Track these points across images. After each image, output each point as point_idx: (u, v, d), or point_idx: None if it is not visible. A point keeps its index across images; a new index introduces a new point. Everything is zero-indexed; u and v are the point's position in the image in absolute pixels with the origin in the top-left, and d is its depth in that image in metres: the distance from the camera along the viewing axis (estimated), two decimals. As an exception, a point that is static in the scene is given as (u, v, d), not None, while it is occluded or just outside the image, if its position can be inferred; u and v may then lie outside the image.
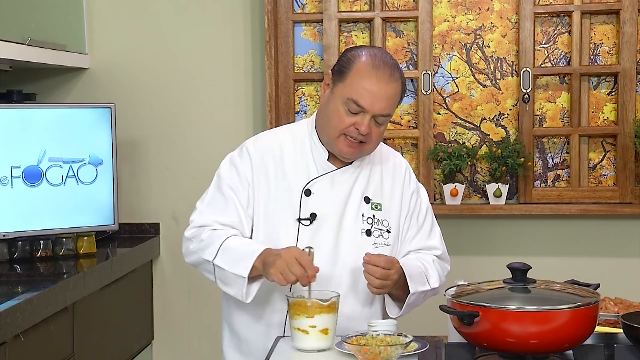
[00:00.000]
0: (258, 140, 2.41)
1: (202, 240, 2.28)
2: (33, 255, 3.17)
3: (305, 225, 2.30)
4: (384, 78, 2.22)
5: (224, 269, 2.22)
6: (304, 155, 2.35)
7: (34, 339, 2.57)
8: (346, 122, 2.23)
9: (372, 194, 2.37)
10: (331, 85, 2.28)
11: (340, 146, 2.27)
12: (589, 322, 1.91)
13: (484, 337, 1.91)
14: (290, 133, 2.40)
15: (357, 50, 2.28)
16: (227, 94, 3.65)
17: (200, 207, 2.36)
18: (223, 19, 3.63)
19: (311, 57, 3.64)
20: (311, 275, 2.10)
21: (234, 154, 2.40)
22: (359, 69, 2.22)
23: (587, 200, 3.53)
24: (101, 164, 3.34)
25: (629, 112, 3.47)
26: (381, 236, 2.35)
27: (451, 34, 3.57)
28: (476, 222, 3.61)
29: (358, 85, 2.21)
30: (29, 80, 3.67)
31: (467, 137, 3.59)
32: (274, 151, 2.35)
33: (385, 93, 2.22)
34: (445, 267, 2.46)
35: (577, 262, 3.56)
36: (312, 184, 2.32)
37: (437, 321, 2.40)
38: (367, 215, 2.35)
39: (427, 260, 2.39)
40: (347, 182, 2.34)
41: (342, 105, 2.23)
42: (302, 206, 2.31)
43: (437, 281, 2.37)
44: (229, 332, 2.43)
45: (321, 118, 2.32)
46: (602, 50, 3.52)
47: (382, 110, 2.22)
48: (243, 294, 2.20)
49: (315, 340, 2.07)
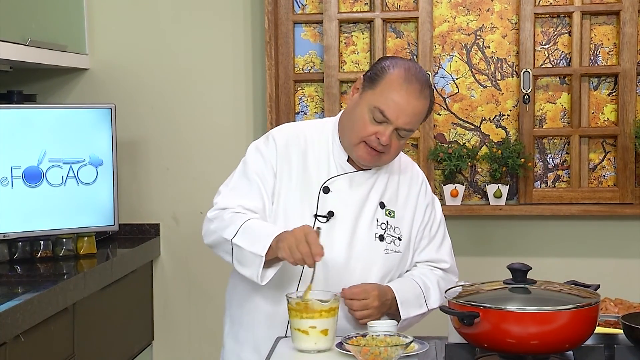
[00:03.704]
0: (284, 130, 2.42)
1: (224, 220, 2.28)
2: (33, 256, 3.17)
3: (322, 222, 2.30)
4: (414, 93, 2.22)
5: (243, 248, 2.21)
6: (326, 153, 2.35)
7: (34, 340, 2.57)
8: (369, 130, 2.23)
9: (388, 201, 2.37)
10: (360, 90, 2.28)
11: (360, 152, 2.28)
12: (589, 323, 1.91)
13: (484, 337, 1.90)
14: (316, 129, 2.40)
15: (392, 60, 2.28)
16: (227, 95, 3.65)
17: (225, 191, 2.36)
18: (223, 19, 3.63)
19: (311, 57, 3.65)
20: (315, 253, 2.09)
21: (260, 142, 2.40)
22: (391, 79, 2.23)
23: (587, 201, 3.53)
24: (101, 164, 3.34)
25: (629, 112, 3.47)
26: (392, 243, 2.36)
27: (451, 34, 3.57)
28: (476, 223, 3.61)
29: (387, 96, 2.21)
30: (29, 81, 3.67)
31: (468, 138, 3.59)
32: (300, 143, 2.36)
33: (413, 108, 2.22)
34: (452, 282, 2.44)
35: (578, 262, 3.56)
36: (331, 181, 2.33)
37: (438, 322, 2.40)
38: (381, 221, 2.35)
39: (430, 280, 2.39)
40: (365, 185, 2.35)
41: (368, 113, 2.23)
42: (319, 203, 2.31)
43: (438, 301, 2.36)
44: (231, 323, 2.44)
45: (345, 121, 2.32)
46: (602, 51, 3.52)
47: (406, 124, 2.23)
48: (259, 274, 2.19)
49: (315, 341, 2.07)
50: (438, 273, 2.43)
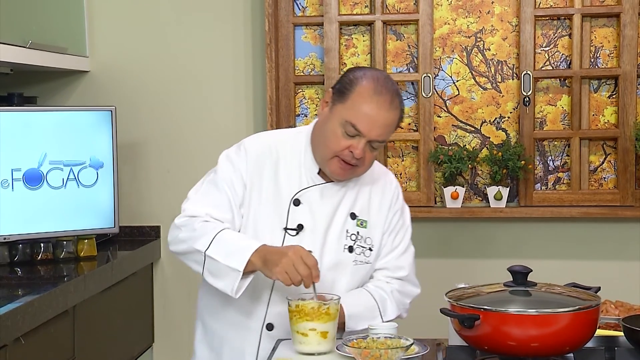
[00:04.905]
0: (256, 140, 2.40)
1: (194, 229, 2.24)
2: (34, 258, 3.17)
3: (292, 235, 2.29)
4: (385, 105, 2.21)
5: (217, 261, 2.18)
6: (298, 165, 2.34)
7: (35, 342, 2.57)
8: (342, 145, 2.22)
9: (359, 211, 2.36)
10: (330, 104, 2.27)
11: (333, 167, 2.26)
12: (590, 325, 1.91)
13: (484, 340, 1.90)
14: (289, 140, 2.38)
15: (360, 71, 2.26)
16: (227, 97, 3.65)
17: (194, 197, 2.34)
18: (224, 21, 3.63)
19: (312, 60, 3.65)
20: (315, 276, 2.10)
21: (231, 151, 2.38)
22: (360, 92, 2.21)
23: (587, 203, 3.52)
24: (102, 166, 3.34)
25: (630, 115, 3.47)
26: (362, 254, 2.35)
27: (452, 36, 3.58)
28: (477, 225, 3.61)
29: (358, 109, 2.20)
30: (29, 83, 3.67)
31: (468, 140, 3.59)
32: (272, 155, 2.34)
33: (384, 120, 2.21)
34: (409, 292, 2.43)
35: (578, 265, 3.56)
36: (301, 194, 2.32)
37: (438, 324, 2.40)
38: (351, 232, 2.34)
39: (386, 292, 2.37)
40: (335, 197, 2.34)
41: (340, 127, 2.22)
42: (289, 215, 2.30)
43: (394, 314, 2.36)
44: (203, 330, 2.43)
45: (317, 136, 2.30)
46: (602, 53, 3.53)
47: (379, 136, 2.22)
48: (234, 288, 2.17)
49: (315, 344, 2.08)
50: (394, 285, 2.40)
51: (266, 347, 2.28)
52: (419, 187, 3.59)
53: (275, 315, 2.30)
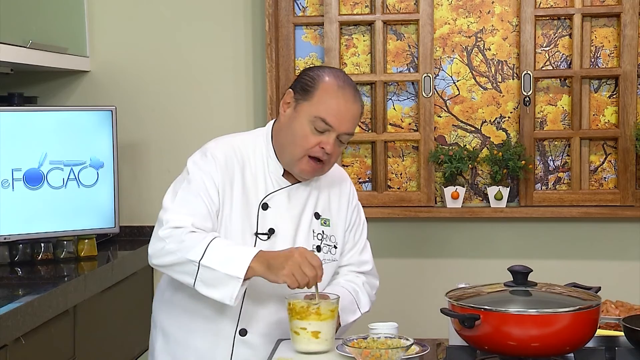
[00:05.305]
0: (221, 145, 2.34)
1: (182, 240, 2.17)
2: (34, 258, 3.17)
3: (263, 240, 2.28)
4: (350, 97, 2.24)
5: (214, 270, 2.12)
6: (262, 168, 2.32)
7: (35, 342, 2.57)
8: (312, 142, 2.22)
9: (322, 210, 2.37)
10: (293, 104, 2.26)
11: (302, 166, 2.26)
12: (590, 325, 1.91)
13: (485, 340, 1.90)
14: (249, 143, 2.35)
15: (319, 69, 2.28)
16: (228, 97, 3.65)
17: (173, 208, 2.25)
18: (224, 21, 3.63)
19: (312, 60, 3.65)
20: (319, 276, 2.10)
21: (197, 157, 2.32)
22: (326, 88, 2.23)
23: (588, 203, 3.52)
24: (102, 166, 3.34)
25: (630, 115, 3.47)
26: (329, 252, 2.37)
27: (452, 36, 3.57)
28: (477, 225, 3.61)
29: (326, 104, 2.21)
30: (30, 83, 3.67)
31: (468, 140, 3.59)
32: (237, 159, 2.31)
33: (352, 113, 2.24)
34: (374, 284, 2.48)
35: (578, 265, 3.56)
36: (269, 197, 2.31)
37: (438, 324, 2.40)
38: (317, 231, 2.35)
39: (357, 284, 2.41)
40: (301, 198, 2.34)
41: (309, 124, 2.22)
42: (259, 220, 2.29)
43: (368, 305, 2.40)
44: (164, 339, 2.38)
45: (283, 137, 2.28)
46: (603, 53, 3.53)
47: (348, 129, 2.24)
48: (234, 296, 2.11)
49: (305, 343, 2.08)
50: (362, 278, 2.43)
51: (240, 353, 2.27)
52: (419, 187, 3.59)
53: (249, 320, 2.28)
